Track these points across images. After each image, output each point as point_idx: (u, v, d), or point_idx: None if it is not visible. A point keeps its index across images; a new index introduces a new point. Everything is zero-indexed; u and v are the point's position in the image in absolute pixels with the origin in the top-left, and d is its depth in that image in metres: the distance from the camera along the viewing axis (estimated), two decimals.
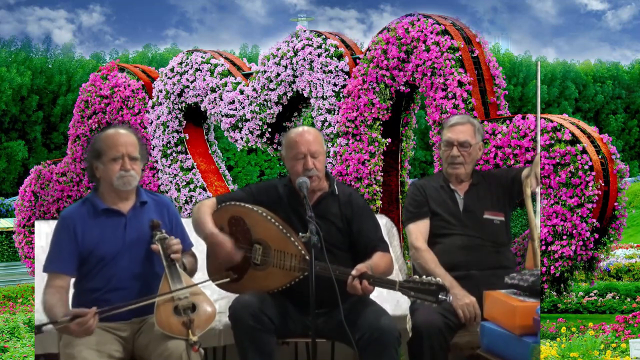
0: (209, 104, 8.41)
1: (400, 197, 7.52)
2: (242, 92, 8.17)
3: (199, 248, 3.40)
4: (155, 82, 8.97)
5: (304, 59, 7.62)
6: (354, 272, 3.07)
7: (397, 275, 3.65)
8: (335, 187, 3.39)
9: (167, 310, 2.94)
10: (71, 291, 3.11)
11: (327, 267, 3.04)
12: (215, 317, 3.02)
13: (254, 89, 8.05)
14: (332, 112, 7.45)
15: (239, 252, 3.27)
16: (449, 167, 3.56)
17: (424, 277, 3.01)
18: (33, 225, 9.41)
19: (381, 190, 7.23)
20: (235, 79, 8.30)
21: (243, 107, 8.13)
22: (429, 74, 6.74)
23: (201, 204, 3.40)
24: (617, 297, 8.76)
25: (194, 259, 3.32)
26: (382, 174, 7.24)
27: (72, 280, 3.10)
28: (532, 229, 3.24)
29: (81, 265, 3.07)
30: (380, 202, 7.20)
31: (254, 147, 8.44)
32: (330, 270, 3.04)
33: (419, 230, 3.50)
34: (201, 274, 3.34)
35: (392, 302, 3.63)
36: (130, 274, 3.07)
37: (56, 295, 2.97)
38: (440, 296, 2.95)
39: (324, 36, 7.64)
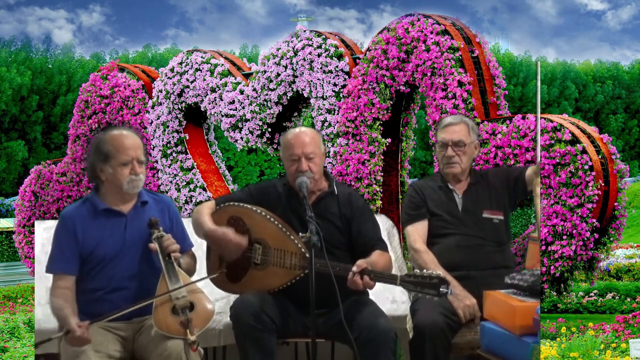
0: (209, 104, 8.41)
1: (400, 197, 7.52)
2: (242, 92, 8.17)
3: (199, 251, 3.39)
4: (155, 82, 8.97)
5: (304, 59, 7.61)
6: (354, 268, 3.08)
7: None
8: (335, 187, 3.39)
9: (164, 310, 2.94)
10: None
11: (327, 264, 3.04)
12: (213, 315, 3.01)
13: (254, 89, 8.05)
14: (332, 112, 7.45)
15: (243, 237, 3.25)
16: (445, 167, 3.57)
17: (425, 271, 3.02)
18: (33, 225, 9.41)
19: (381, 190, 7.23)
20: (235, 79, 8.30)
21: (243, 107, 8.13)
22: (429, 74, 6.74)
23: (200, 207, 3.38)
24: (617, 297, 8.76)
25: (194, 260, 3.31)
26: (382, 174, 7.24)
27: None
28: (539, 225, 3.25)
29: (82, 266, 3.07)
30: (380, 202, 7.20)
31: (254, 147, 8.43)
32: (330, 267, 3.04)
33: (417, 232, 3.50)
34: (200, 274, 3.34)
35: (392, 302, 3.63)
36: (131, 274, 3.07)
37: (62, 297, 2.97)
38: (441, 289, 2.94)
39: (324, 36, 7.64)
